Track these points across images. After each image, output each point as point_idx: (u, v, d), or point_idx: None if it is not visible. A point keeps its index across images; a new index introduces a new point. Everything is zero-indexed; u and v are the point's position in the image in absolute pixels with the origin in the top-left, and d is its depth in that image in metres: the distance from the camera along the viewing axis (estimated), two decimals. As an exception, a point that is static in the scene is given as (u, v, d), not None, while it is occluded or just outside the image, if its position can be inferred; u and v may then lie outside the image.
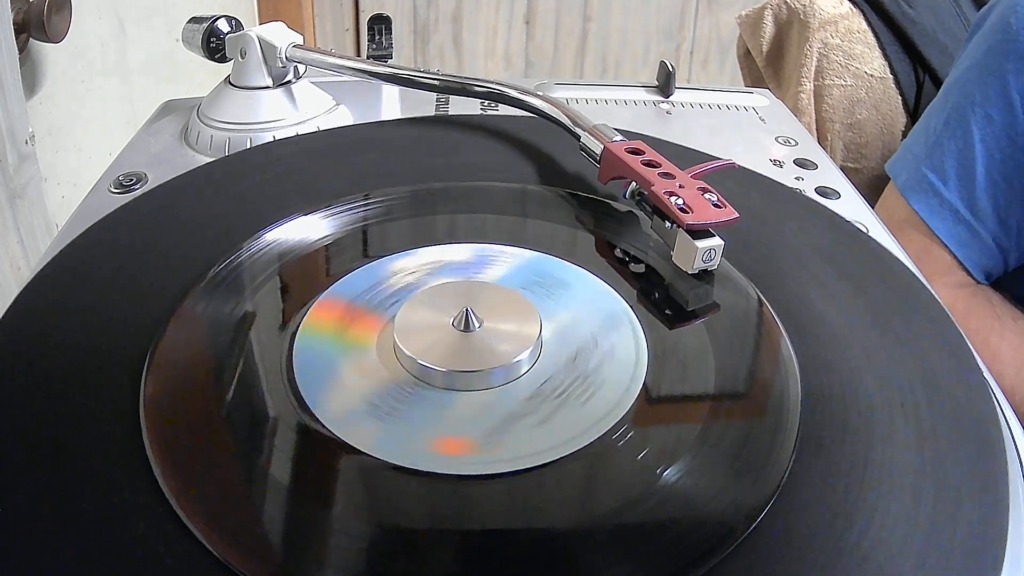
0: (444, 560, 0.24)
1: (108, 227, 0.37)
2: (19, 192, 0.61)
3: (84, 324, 0.31)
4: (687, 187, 0.35)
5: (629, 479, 0.26)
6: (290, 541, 0.24)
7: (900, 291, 0.35)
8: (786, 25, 0.83)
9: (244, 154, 0.45)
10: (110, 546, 0.23)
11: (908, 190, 0.62)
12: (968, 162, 0.59)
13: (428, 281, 0.34)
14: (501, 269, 0.35)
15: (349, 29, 1.52)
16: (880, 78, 0.78)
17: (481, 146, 0.45)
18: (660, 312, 0.33)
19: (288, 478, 0.26)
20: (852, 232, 0.39)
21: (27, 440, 0.26)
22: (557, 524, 0.25)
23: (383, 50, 0.58)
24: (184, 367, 0.30)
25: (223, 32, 0.50)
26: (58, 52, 0.70)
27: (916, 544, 0.24)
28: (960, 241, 0.60)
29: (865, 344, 0.31)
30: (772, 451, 0.27)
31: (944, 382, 0.30)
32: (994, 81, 0.59)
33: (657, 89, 0.58)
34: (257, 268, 0.34)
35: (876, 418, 0.28)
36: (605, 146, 0.39)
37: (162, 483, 0.25)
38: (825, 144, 0.80)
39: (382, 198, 0.39)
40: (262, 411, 0.28)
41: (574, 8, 1.52)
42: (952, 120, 0.60)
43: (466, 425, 0.28)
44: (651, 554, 0.24)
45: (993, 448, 0.27)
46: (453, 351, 0.30)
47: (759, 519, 0.24)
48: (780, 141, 0.52)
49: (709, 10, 1.53)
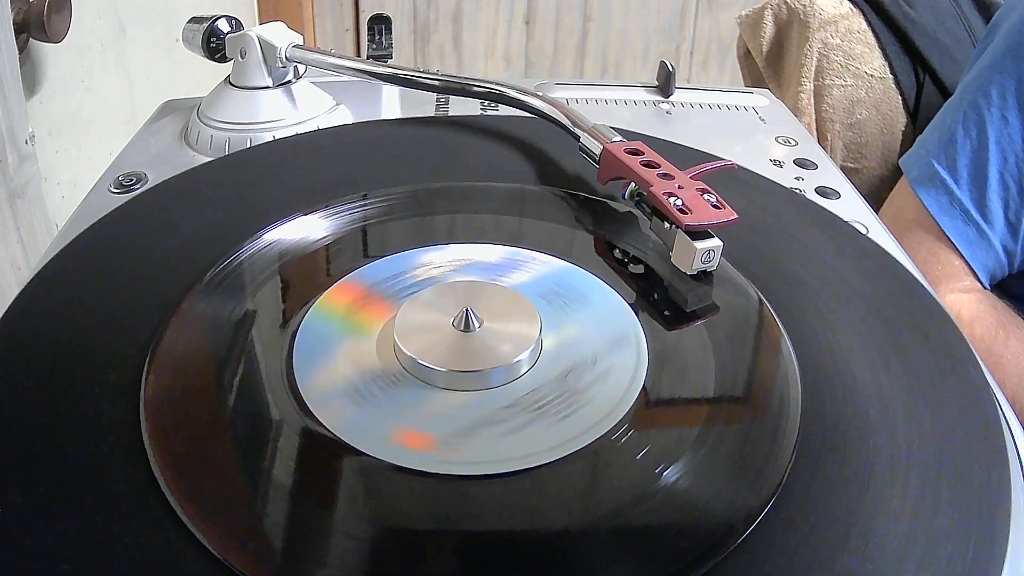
0: (443, 560, 0.24)
1: (108, 227, 0.37)
2: (19, 192, 0.61)
3: (84, 324, 0.31)
4: (686, 188, 0.35)
5: (629, 480, 0.26)
6: (290, 541, 0.24)
7: (900, 292, 0.35)
8: (786, 25, 0.83)
9: (244, 154, 0.45)
10: (110, 546, 0.23)
11: (919, 184, 0.62)
12: (981, 163, 0.59)
13: (451, 278, 0.34)
14: (524, 275, 0.34)
15: (349, 29, 1.52)
16: (880, 78, 0.78)
17: (480, 146, 0.45)
18: (659, 313, 0.33)
19: (288, 478, 0.26)
20: (852, 233, 0.39)
21: (27, 440, 0.26)
22: (557, 525, 0.25)
23: (383, 50, 0.58)
24: (184, 367, 0.30)
25: (223, 32, 0.50)
26: (58, 52, 0.70)
27: (916, 546, 0.24)
28: (968, 240, 0.60)
29: (865, 345, 0.31)
30: (772, 452, 0.27)
31: (945, 384, 0.30)
32: (1012, 83, 0.59)
33: (657, 89, 0.58)
34: (257, 268, 0.34)
35: (876, 420, 0.28)
36: (604, 147, 0.39)
37: (162, 483, 0.25)
38: (825, 144, 0.80)
39: (381, 198, 0.39)
40: (262, 412, 0.28)
41: (574, 8, 1.52)
42: (968, 119, 0.60)
43: (466, 426, 0.28)
44: (650, 555, 0.24)
45: (994, 452, 0.27)
46: (453, 351, 0.30)
47: (758, 520, 0.24)
48: (780, 141, 0.52)
49: (709, 10, 1.53)
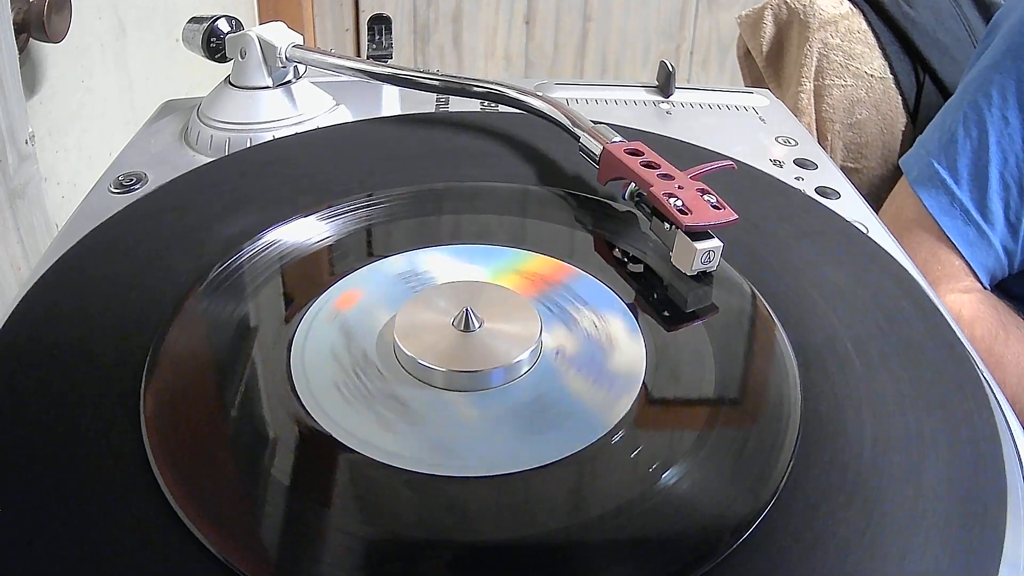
0: (441, 561, 0.24)
1: (110, 229, 0.37)
2: (19, 192, 0.61)
3: (85, 325, 0.31)
4: (686, 188, 0.35)
5: (628, 481, 0.26)
6: (290, 541, 0.24)
7: (900, 293, 0.35)
8: (786, 25, 0.83)
9: (244, 153, 0.45)
10: (110, 546, 0.23)
11: (919, 185, 0.62)
12: (982, 163, 0.59)
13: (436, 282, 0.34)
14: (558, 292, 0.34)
15: (349, 29, 1.52)
16: (880, 78, 0.78)
17: (479, 147, 0.45)
18: (659, 314, 0.33)
19: (288, 479, 0.26)
20: (852, 233, 0.39)
21: (28, 441, 0.26)
22: (555, 526, 0.25)
23: (383, 50, 0.58)
24: (185, 368, 0.30)
25: (223, 32, 0.50)
26: (58, 52, 0.70)
27: (916, 547, 0.24)
28: (968, 241, 0.60)
29: (865, 346, 0.31)
30: (771, 454, 0.27)
31: (945, 384, 0.30)
32: (1012, 83, 0.59)
33: (657, 89, 0.58)
34: (258, 269, 0.34)
35: (875, 421, 0.28)
36: (604, 147, 0.39)
37: (162, 483, 0.25)
38: (825, 144, 0.80)
39: (382, 198, 0.39)
40: (263, 413, 0.28)
41: (574, 8, 1.52)
42: (968, 119, 0.60)
43: (466, 426, 0.28)
44: (648, 556, 0.24)
45: (994, 452, 0.27)
46: (453, 351, 0.30)
47: (757, 522, 0.24)
48: (780, 141, 0.52)
49: (709, 10, 1.53)
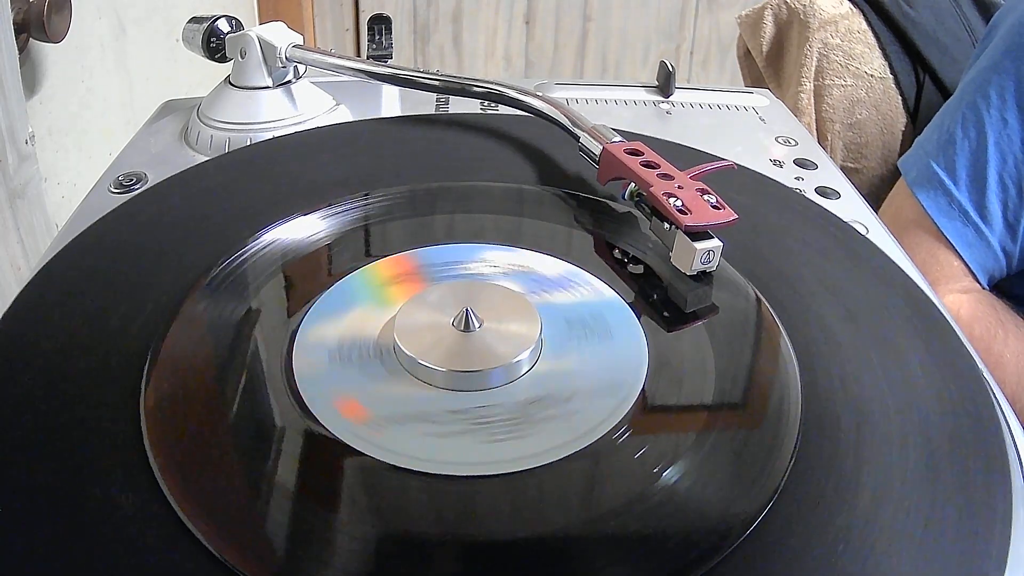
0: (443, 561, 0.24)
1: (108, 226, 0.37)
2: (19, 192, 0.61)
3: (85, 324, 0.31)
4: (686, 188, 0.35)
5: (629, 481, 0.26)
6: (290, 541, 0.24)
7: (900, 293, 0.35)
8: (786, 25, 0.83)
9: (244, 152, 0.44)
10: (110, 546, 0.23)
11: (918, 186, 0.61)
12: (980, 164, 0.59)
13: (500, 280, 0.34)
14: (566, 296, 0.33)
15: (349, 29, 1.52)
16: (880, 78, 0.78)
17: (479, 146, 0.45)
18: (659, 314, 0.33)
19: (288, 479, 0.26)
20: (852, 233, 0.39)
21: (27, 440, 0.26)
22: (556, 526, 0.25)
23: (383, 50, 0.58)
24: (185, 367, 0.30)
25: (223, 32, 0.50)
26: (58, 52, 0.70)
27: (916, 548, 0.24)
28: (967, 242, 0.59)
29: (865, 347, 0.31)
30: (771, 454, 0.27)
31: (944, 384, 0.30)
32: (1011, 84, 0.58)
33: (657, 89, 0.58)
34: (258, 267, 0.34)
35: (875, 420, 0.28)
36: (604, 147, 0.39)
37: (162, 483, 0.25)
38: (825, 144, 0.80)
39: (381, 198, 0.39)
40: (263, 412, 0.28)
41: (574, 8, 1.52)
42: (967, 120, 0.60)
43: (466, 426, 0.28)
44: (648, 556, 0.24)
45: (994, 453, 0.27)
46: (453, 351, 0.30)
47: (757, 522, 0.24)
48: (780, 141, 0.52)
49: (709, 10, 1.53)
